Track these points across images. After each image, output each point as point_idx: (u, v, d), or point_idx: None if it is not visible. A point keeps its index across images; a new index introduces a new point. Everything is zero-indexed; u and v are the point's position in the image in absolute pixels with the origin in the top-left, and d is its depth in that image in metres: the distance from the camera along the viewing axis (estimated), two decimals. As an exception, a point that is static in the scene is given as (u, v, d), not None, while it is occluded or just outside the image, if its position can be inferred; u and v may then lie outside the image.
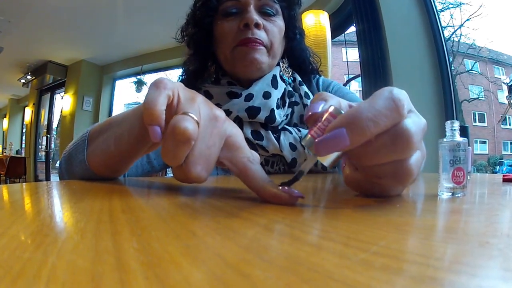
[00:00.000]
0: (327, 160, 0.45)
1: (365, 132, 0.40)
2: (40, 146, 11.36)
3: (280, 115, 1.20)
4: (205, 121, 0.53)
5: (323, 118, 0.45)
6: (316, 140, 0.42)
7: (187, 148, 0.49)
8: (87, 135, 0.82)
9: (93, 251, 0.24)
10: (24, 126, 14.05)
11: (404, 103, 0.42)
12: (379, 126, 0.40)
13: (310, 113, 0.48)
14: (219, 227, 0.32)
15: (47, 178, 10.50)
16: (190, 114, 0.49)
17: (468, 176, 0.57)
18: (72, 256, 0.23)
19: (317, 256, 0.23)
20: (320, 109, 0.47)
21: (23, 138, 14.45)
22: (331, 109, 0.45)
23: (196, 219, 0.36)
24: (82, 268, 0.20)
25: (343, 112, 0.43)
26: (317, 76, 1.51)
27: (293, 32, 1.36)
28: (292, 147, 1.18)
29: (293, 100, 1.29)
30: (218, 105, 1.21)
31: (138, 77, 9.03)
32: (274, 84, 1.23)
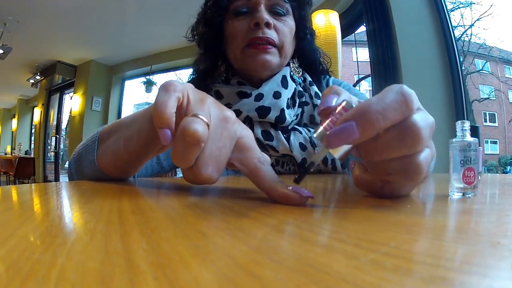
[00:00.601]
0: (338, 152, 0.45)
1: (374, 125, 0.41)
2: (49, 147, 11.42)
3: (290, 115, 1.20)
4: (215, 123, 0.53)
5: (336, 112, 0.46)
6: (327, 133, 0.43)
7: (197, 150, 0.49)
8: (97, 135, 0.82)
9: (103, 252, 0.24)
10: (33, 127, 14.10)
11: (414, 98, 0.43)
12: (388, 120, 0.41)
13: (323, 107, 0.48)
14: (228, 227, 0.32)
15: (56, 179, 10.53)
16: (200, 116, 0.49)
17: (479, 176, 0.57)
18: (81, 257, 0.23)
19: (327, 257, 0.23)
20: (333, 103, 0.47)
21: (32, 138, 14.50)
22: (343, 103, 0.46)
23: (205, 220, 0.36)
24: (91, 269, 0.20)
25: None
26: (327, 76, 1.51)
27: (304, 32, 1.36)
28: (302, 147, 1.17)
29: (303, 100, 1.29)
30: (229, 104, 1.22)
31: (148, 77, 9.04)
32: (284, 84, 1.23)
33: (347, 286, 0.18)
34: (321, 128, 0.46)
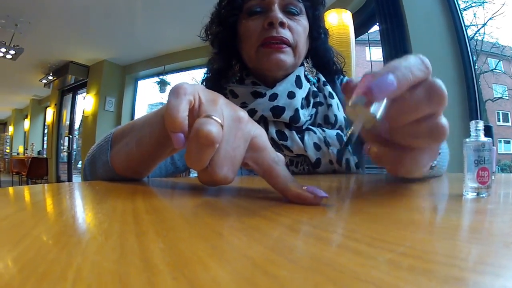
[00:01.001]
0: (377, 109, 0.45)
1: (406, 77, 0.44)
2: (62, 147, 11.49)
3: (304, 115, 1.21)
4: (229, 123, 0.53)
5: (361, 80, 0.47)
6: (370, 85, 0.44)
7: (211, 151, 0.49)
8: (110, 136, 0.83)
9: (119, 252, 0.24)
10: (45, 127, 14.18)
11: (430, 65, 0.48)
12: (414, 75, 0.45)
13: (347, 81, 0.51)
14: (244, 227, 0.32)
15: (69, 179, 10.62)
16: (213, 117, 0.50)
17: (493, 176, 0.57)
18: (97, 257, 0.23)
19: (343, 257, 0.23)
20: (355, 81, 0.50)
21: (45, 138, 14.58)
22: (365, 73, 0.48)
23: (221, 220, 0.36)
24: (108, 269, 0.20)
25: None
26: (341, 76, 1.51)
27: (318, 31, 1.36)
28: (317, 147, 1.18)
29: (318, 100, 1.29)
30: (244, 103, 1.23)
31: (161, 77, 9.04)
32: (299, 84, 1.23)
33: (364, 285, 0.18)
34: (353, 96, 0.46)
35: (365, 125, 0.47)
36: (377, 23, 4.56)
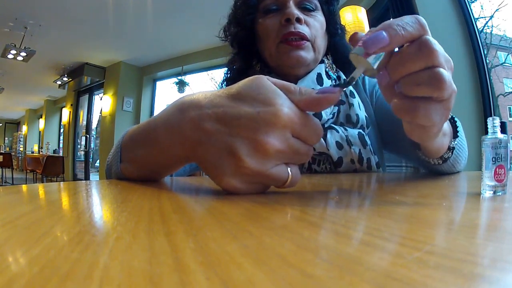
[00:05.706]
0: (373, 60, 0.55)
1: (397, 33, 0.52)
2: (79, 146, 11.65)
3: (326, 112, 1.21)
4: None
5: (366, 34, 0.55)
6: (364, 39, 0.53)
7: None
8: (120, 144, 0.80)
9: (148, 251, 0.24)
10: (61, 127, 14.42)
11: (426, 24, 0.55)
12: (407, 32, 0.52)
13: (354, 33, 0.59)
14: (274, 227, 0.33)
15: (86, 177, 10.76)
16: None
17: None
18: (125, 256, 0.22)
19: (374, 256, 0.23)
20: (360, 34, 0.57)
21: (61, 138, 14.79)
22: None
23: (250, 219, 0.36)
24: (138, 269, 0.20)
25: None
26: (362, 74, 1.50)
27: (334, 27, 1.37)
28: (339, 145, 1.18)
29: (339, 98, 1.27)
30: None
31: (179, 77, 9.02)
32: (320, 81, 1.24)
33: (396, 284, 0.18)
34: (356, 47, 0.55)
35: (365, 73, 0.58)
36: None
